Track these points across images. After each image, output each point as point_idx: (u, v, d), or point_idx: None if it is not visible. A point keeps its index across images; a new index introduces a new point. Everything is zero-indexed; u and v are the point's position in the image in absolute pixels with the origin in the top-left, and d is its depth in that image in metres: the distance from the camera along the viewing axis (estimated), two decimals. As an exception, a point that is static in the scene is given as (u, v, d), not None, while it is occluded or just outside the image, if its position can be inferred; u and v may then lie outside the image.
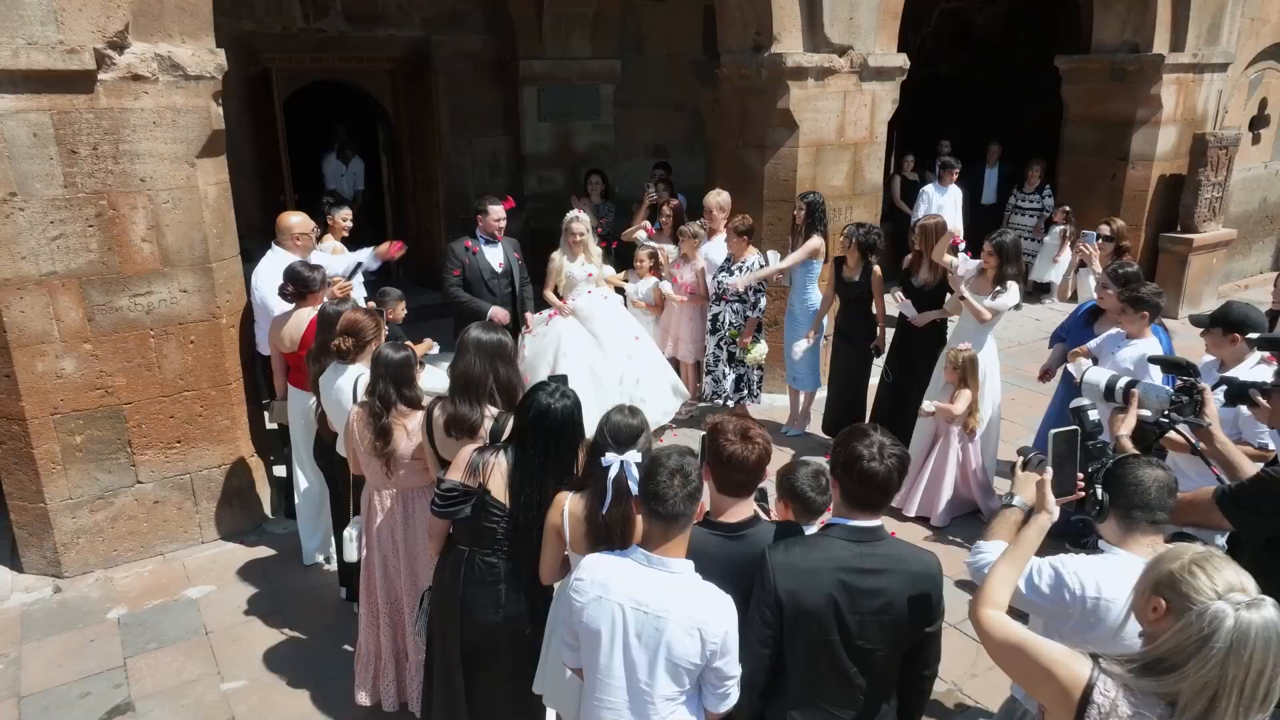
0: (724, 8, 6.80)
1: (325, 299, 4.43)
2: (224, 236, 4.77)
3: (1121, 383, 2.77)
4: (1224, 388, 2.64)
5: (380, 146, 10.51)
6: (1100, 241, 6.18)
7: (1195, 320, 3.75)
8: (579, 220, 6.10)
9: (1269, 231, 11.05)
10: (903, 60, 6.99)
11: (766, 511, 2.64)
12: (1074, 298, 7.06)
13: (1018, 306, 6.72)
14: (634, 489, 2.31)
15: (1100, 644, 2.04)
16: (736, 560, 2.31)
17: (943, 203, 9.06)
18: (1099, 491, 2.26)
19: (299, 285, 4.52)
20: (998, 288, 5.26)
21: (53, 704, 3.77)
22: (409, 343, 3.58)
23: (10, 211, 4.12)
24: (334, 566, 4.63)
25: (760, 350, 6.16)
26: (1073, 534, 4.13)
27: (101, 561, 4.73)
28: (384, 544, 3.31)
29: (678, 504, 2.12)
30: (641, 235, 7.11)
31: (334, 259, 5.42)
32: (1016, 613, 2.09)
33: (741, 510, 2.38)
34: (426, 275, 8.99)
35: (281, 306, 4.65)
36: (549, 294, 6.13)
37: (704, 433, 2.47)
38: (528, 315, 5.92)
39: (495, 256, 5.81)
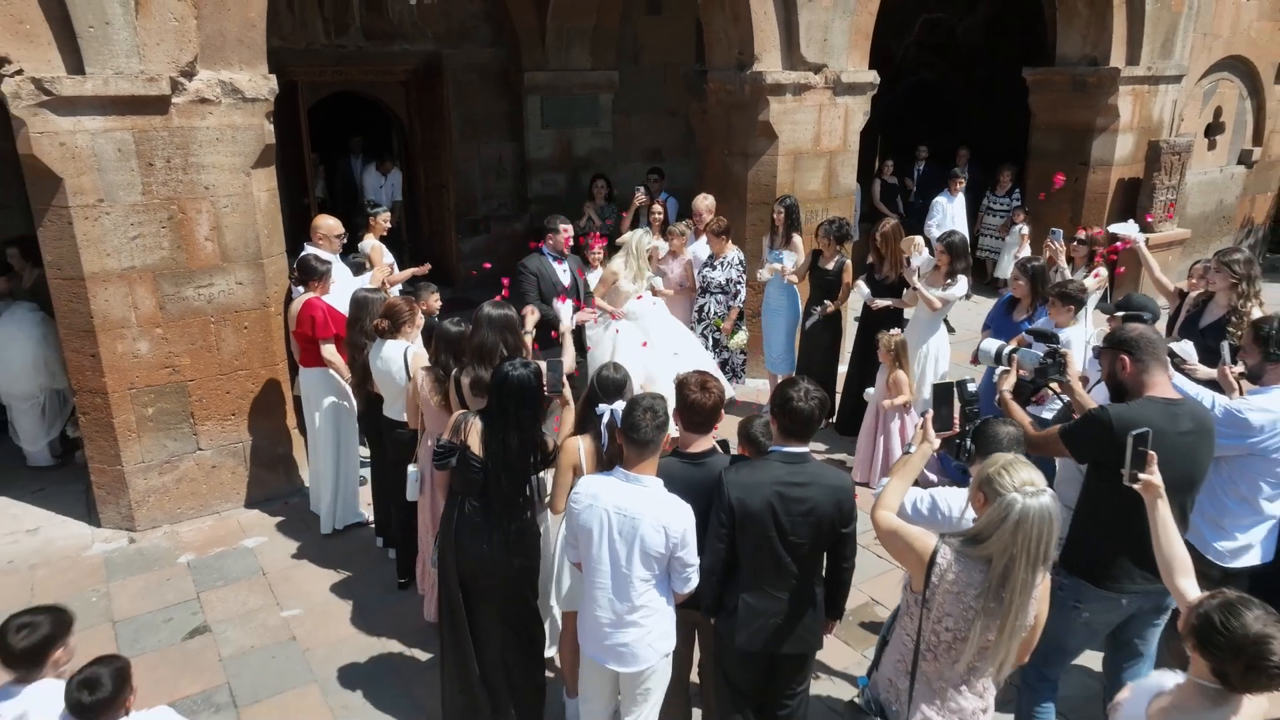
0: (710, 30, 7.54)
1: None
2: (273, 236, 5.51)
3: (1006, 350, 3.52)
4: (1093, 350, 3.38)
5: (394, 153, 11.25)
6: (1075, 244, 6.91)
7: (1102, 308, 4.48)
8: (653, 244, 6.50)
9: (1226, 231, 11.77)
10: (873, 76, 7.71)
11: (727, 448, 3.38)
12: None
13: (967, 296, 7.43)
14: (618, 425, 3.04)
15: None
16: (698, 481, 3.05)
17: (953, 211, 9.89)
18: (969, 443, 3.01)
19: (305, 273, 5.26)
20: (948, 280, 6.02)
21: (141, 627, 4.51)
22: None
23: (98, 215, 4.86)
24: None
25: (742, 336, 6.90)
26: (954, 479, 4.86)
27: (167, 517, 5.48)
28: (439, 479, 4.03)
29: (648, 433, 2.86)
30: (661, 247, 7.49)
31: (346, 274, 6.04)
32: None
33: (703, 444, 3.13)
34: (439, 274, 9.70)
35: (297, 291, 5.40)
36: (598, 300, 6.40)
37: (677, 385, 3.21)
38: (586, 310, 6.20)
39: (563, 273, 6.06)
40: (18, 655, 2.58)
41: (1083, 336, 4.70)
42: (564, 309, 5.47)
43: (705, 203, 7.34)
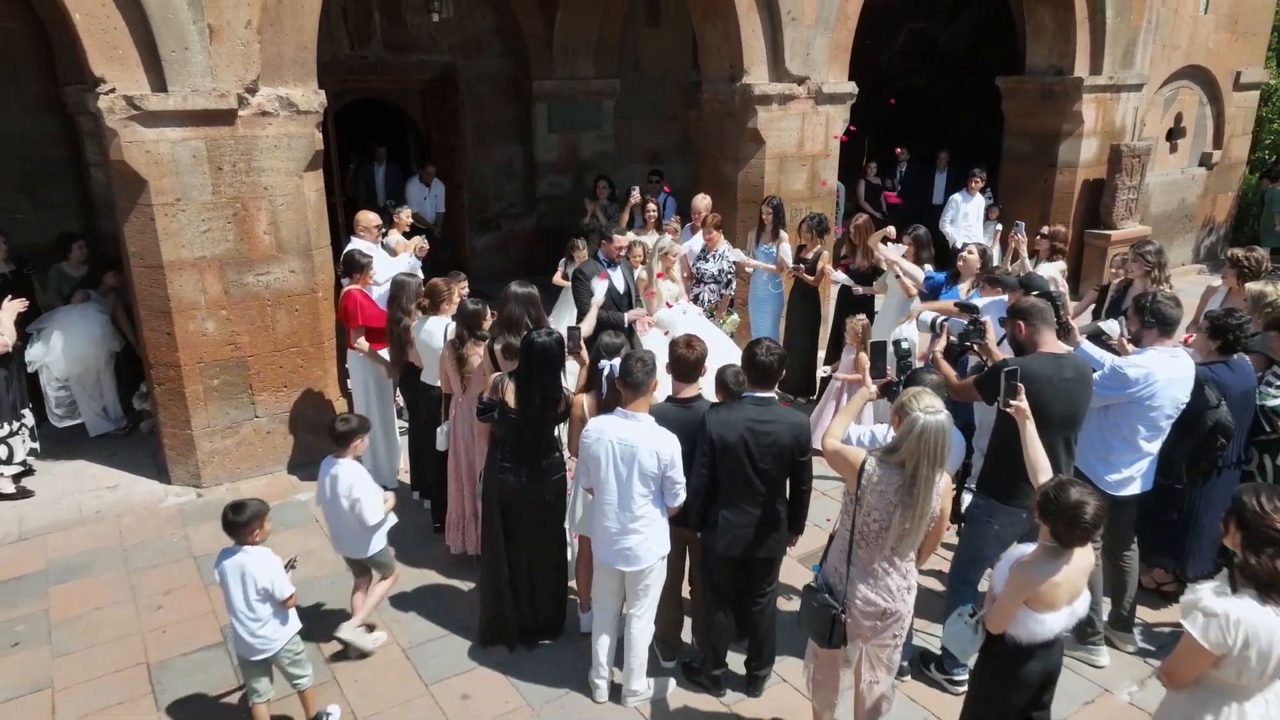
0: (704, 45, 8.34)
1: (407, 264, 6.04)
2: (320, 230, 6.31)
3: (939, 320, 4.32)
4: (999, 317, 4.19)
5: (410, 155, 12.05)
6: (1038, 239, 7.70)
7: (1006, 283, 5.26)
8: (672, 249, 7.02)
9: (1188, 229, 12.57)
10: (851, 87, 8.51)
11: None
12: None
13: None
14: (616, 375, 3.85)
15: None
16: (686, 420, 3.85)
17: (968, 209, 10.25)
18: (901, 389, 3.80)
19: (349, 266, 6.07)
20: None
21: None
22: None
23: (175, 212, 5.66)
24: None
25: (733, 320, 7.69)
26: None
27: (229, 476, 6.28)
28: (464, 434, 4.84)
29: (639, 377, 3.67)
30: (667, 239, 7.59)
31: (385, 258, 6.85)
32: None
33: (690, 391, 3.94)
34: (455, 266, 10.50)
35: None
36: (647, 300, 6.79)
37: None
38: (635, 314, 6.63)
39: (617, 279, 6.43)
40: (236, 526, 3.71)
41: (997, 311, 5.49)
42: (600, 285, 6.11)
43: (703, 202, 8.10)
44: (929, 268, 6.83)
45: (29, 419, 6.11)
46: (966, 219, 10.53)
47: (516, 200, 11.83)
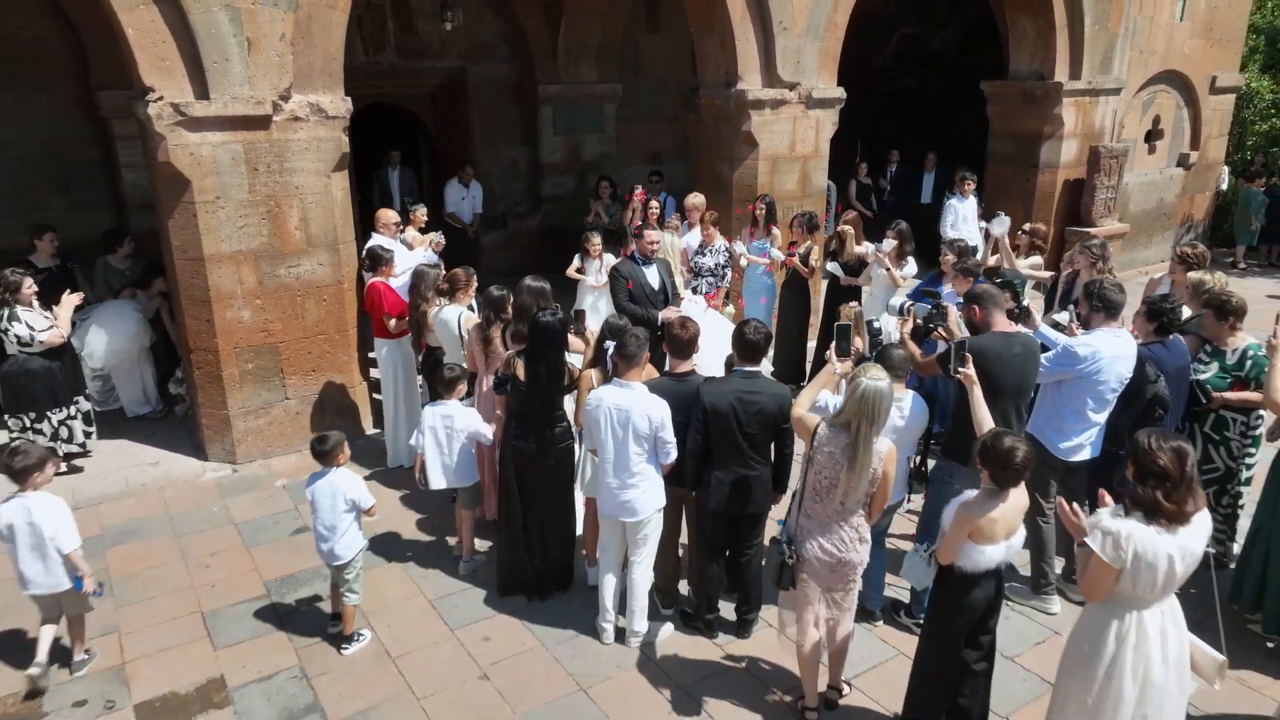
0: (702, 53, 8.86)
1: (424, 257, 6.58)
2: (345, 226, 6.83)
3: (906, 304, 4.84)
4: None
5: (421, 156, 12.57)
6: (1019, 234, 8.20)
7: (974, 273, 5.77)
8: (680, 243, 7.50)
9: (1167, 227, 13.08)
10: (840, 92, 9.03)
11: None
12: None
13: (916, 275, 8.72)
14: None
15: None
16: (681, 392, 4.36)
17: (965, 211, 10.42)
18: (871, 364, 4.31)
19: (374, 261, 6.58)
20: (901, 261, 7.33)
21: (257, 528, 5.83)
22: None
23: (215, 209, 6.18)
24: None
25: (729, 311, 8.19)
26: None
27: (261, 453, 6.79)
28: (487, 409, 5.35)
29: (632, 349, 4.20)
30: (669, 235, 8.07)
31: (404, 252, 7.37)
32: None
33: (685, 366, 4.45)
34: (466, 262, 11.01)
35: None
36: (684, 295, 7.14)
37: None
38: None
39: (652, 276, 6.62)
40: (324, 453, 4.51)
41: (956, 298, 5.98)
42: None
43: (696, 201, 8.62)
44: (912, 261, 7.35)
45: (84, 404, 6.58)
46: (967, 222, 10.89)
47: (522, 199, 12.36)
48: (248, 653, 4.59)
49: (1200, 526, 3.03)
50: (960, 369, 3.93)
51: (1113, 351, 4.63)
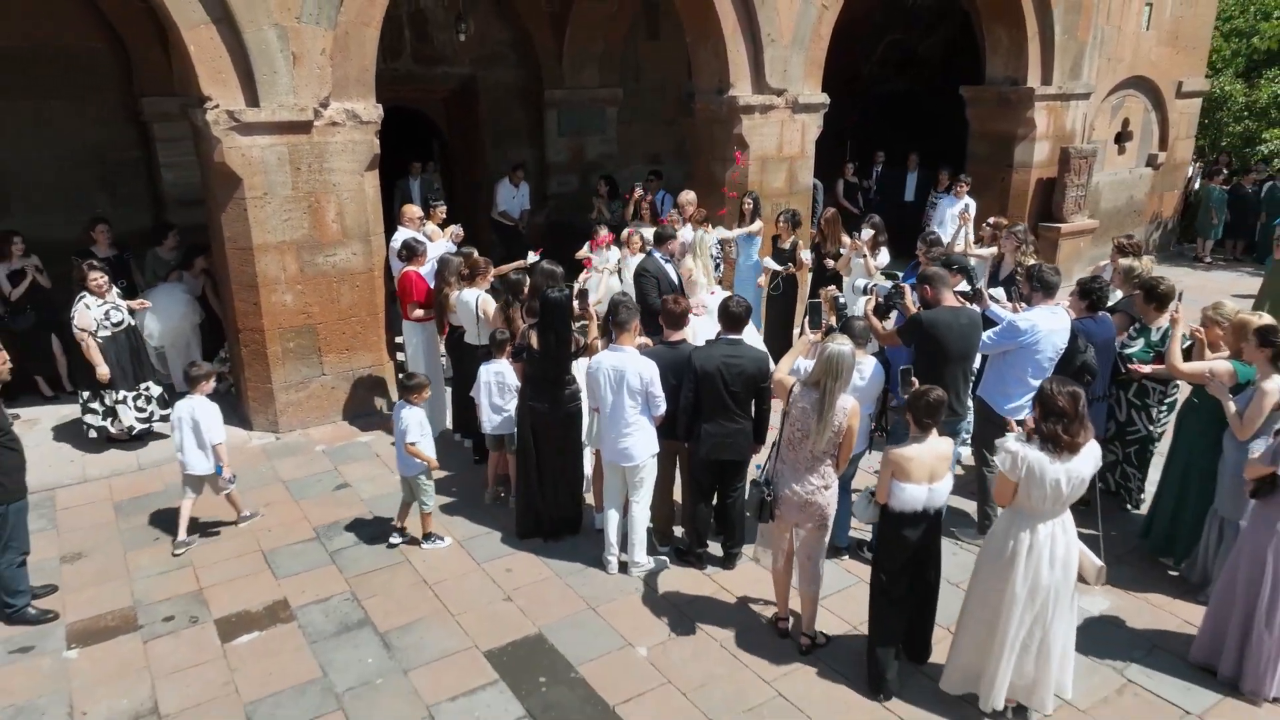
0: (697, 62, 9.63)
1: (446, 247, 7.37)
2: (376, 219, 7.60)
3: (870, 285, 5.62)
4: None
5: (434, 157, 13.34)
6: (984, 227, 8.96)
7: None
8: (716, 239, 8.19)
9: (1137, 223, 13.85)
10: (824, 98, 9.81)
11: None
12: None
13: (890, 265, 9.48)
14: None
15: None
16: (674, 358, 5.14)
17: (954, 212, 10.71)
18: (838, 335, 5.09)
19: (409, 251, 7.36)
20: (875, 251, 8.10)
21: (303, 485, 6.61)
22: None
23: (263, 204, 6.95)
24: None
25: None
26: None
27: (300, 424, 7.57)
28: (518, 369, 6.11)
29: (624, 316, 4.99)
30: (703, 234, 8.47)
31: (432, 243, 8.16)
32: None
33: (677, 335, 5.23)
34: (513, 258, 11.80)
35: (397, 264, 7.51)
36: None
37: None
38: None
39: (674, 272, 7.31)
40: (409, 389, 5.62)
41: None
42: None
43: (687, 197, 9.35)
44: (884, 251, 8.13)
45: (154, 389, 7.28)
46: (955, 222, 11.54)
47: (529, 197, 13.10)
48: (305, 581, 5.37)
49: (1088, 455, 3.80)
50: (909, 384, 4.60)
51: (1049, 325, 5.41)
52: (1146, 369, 5.58)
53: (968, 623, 4.20)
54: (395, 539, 5.71)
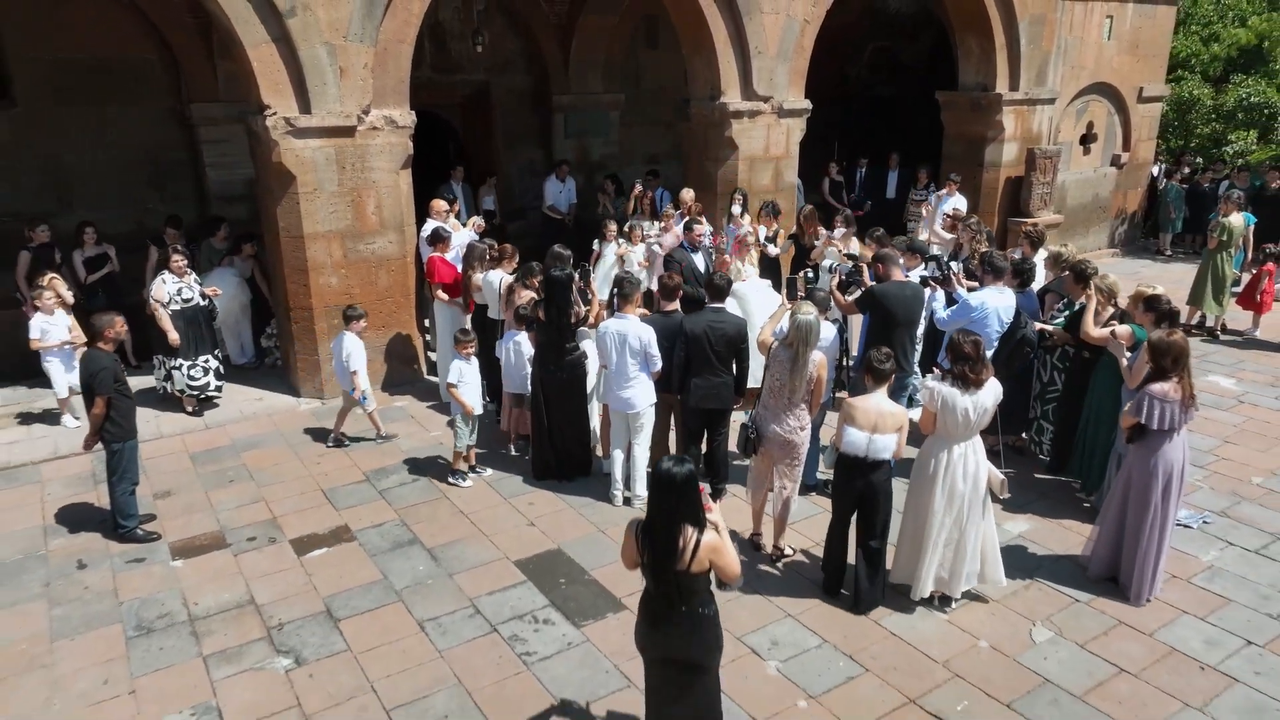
0: (692, 71, 10.68)
1: (471, 237, 8.43)
2: (409, 212, 8.64)
3: (833, 265, 6.67)
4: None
5: (450, 157, 14.38)
6: (945, 217, 10.00)
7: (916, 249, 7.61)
8: (751, 233, 8.98)
9: (1102, 219, 14.90)
10: (806, 104, 10.86)
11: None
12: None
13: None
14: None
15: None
16: (668, 324, 6.19)
17: (945, 209, 11.51)
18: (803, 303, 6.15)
19: (436, 238, 8.42)
20: (846, 241, 9.16)
21: (350, 440, 7.66)
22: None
23: (313, 198, 8.00)
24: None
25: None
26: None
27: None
28: (531, 338, 7.16)
29: (627, 289, 6.05)
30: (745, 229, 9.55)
31: (458, 232, 9.22)
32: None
33: (670, 306, 6.29)
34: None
35: (426, 250, 8.58)
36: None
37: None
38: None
39: (699, 260, 8.29)
40: (462, 343, 6.59)
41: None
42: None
43: (688, 195, 10.44)
44: (855, 241, 9.18)
45: (213, 361, 8.27)
46: (941, 218, 12.47)
47: (539, 194, 14.16)
48: (360, 512, 6.42)
49: (990, 390, 4.85)
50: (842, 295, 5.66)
51: (996, 302, 6.48)
52: (1060, 337, 6.58)
53: (904, 526, 5.24)
54: (467, 479, 6.85)
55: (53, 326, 7.63)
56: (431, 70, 12.88)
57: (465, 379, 6.69)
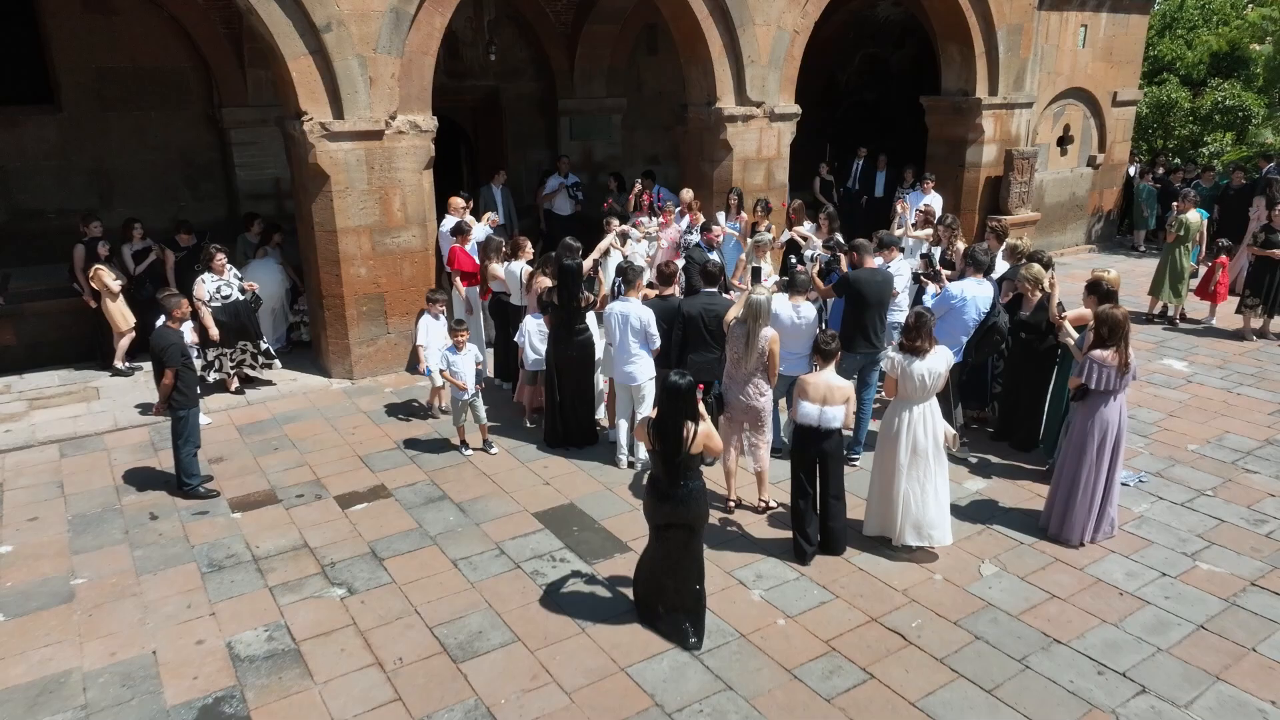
0: (689, 79, 11.49)
1: (486, 230, 9.25)
2: (430, 209, 9.45)
3: (814, 254, 7.48)
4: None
5: (462, 158, 15.20)
6: (916, 212, 10.82)
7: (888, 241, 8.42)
8: (768, 236, 9.79)
9: (1079, 217, 15.71)
10: (796, 109, 11.67)
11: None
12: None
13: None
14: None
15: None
16: (666, 307, 7.00)
17: (918, 205, 12.33)
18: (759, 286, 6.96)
19: (458, 230, 9.24)
20: (828, 235, 9.96)
21: (379, 414, 8.45)
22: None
23: (345, 196, 8.81)
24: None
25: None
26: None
27: (370, 373, 9.43)
28: (547, 321, 7.97)
29: (632, 277, 6.86)
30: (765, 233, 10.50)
31: (478, 225, 10.04)
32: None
33: (668, 291, 7.10)
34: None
35: (447, 241, 9.39)
36: (734, 280, 9.29)
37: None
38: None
39: (715, 259, 8.36)
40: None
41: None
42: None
43: (687, 194, 11.24)
44: (839, 235, 9.99)
45: (249, 347, 9.06)
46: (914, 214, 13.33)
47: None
48: (394, 474, 7.23)
49: (939, 356, 5.65)
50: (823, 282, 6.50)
51: (974, 293, 7.29)
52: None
53: (874, 482, 6.05)
54: (466, 450, 7.57)
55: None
56: (445, 76, 13.64)
57: (455, 367, 7.39)
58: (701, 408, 4.93)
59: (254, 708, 4.58)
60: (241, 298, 8.94)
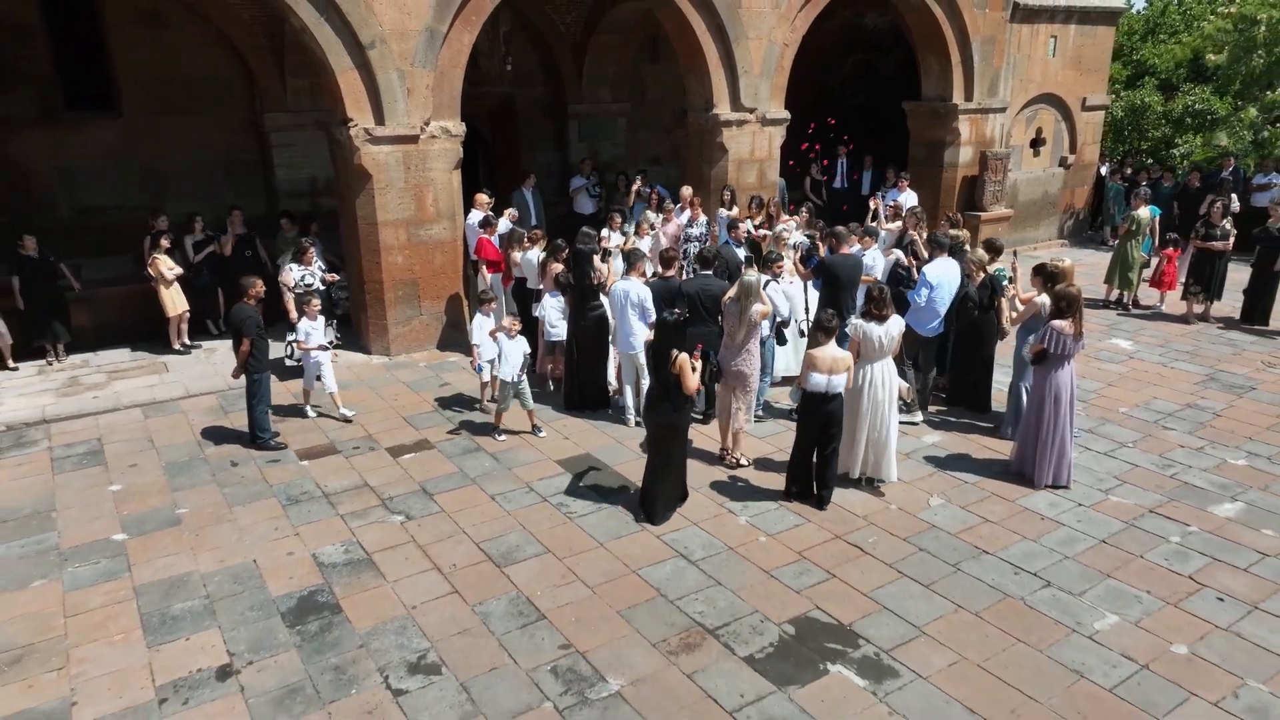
0: (688, 87, 12.67)
1: (505, 225, 10.42)
2: (458, 205, 10.63)
3: (795, 241, 8.66)
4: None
5: (478, 160, 16.36)
6: (887, 207, 12.01)
7: (869, 231, 9.60)
8: (791, 233, 10.76)
9: (1052, 214, 16.88)
10: (786, 114, 12.85)
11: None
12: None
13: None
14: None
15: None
16: (666, 289, 8.16)
17: (905, 201, 13.62)
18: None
19: (486, 222, 10.42)
20: (808, 231, 11.14)
21: (417, 385, 9.63)
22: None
23: (385, 193, 9.99)
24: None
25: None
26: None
27: (405, 350, 10.60)
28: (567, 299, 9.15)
29: (635, 260, 8.05)
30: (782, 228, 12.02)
31: (502, 220, 11.21)
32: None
33: (670, 272, 8.27)
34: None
35: (473, 233, 10.57)
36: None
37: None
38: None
39: (741, 254, 9.81)
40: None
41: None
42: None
43: (687, 191, 12.41)
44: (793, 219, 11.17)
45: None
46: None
47: (555, 191, 16.16)
48: (435, 430, 8.40)
49: (894, 323, 6.83)
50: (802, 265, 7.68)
51: (945, 270, 8.45)
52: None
53: (845, 428, 7.21)
54: (499, 435, 8.63)
55: (314, 330, 8.73)
56: (466, 84, 14.80)
57: (505, 351, 8.31)
58: (698, 363, 6.25)
59: (341, 597, 5.76)
60: (321, 287, 10.10)
